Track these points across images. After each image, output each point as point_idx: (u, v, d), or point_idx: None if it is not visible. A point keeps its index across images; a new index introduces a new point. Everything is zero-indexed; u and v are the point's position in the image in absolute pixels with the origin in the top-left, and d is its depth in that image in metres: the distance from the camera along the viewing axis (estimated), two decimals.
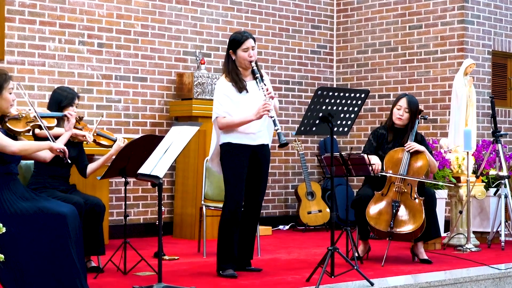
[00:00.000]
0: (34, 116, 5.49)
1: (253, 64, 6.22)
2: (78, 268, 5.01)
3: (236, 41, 6.23)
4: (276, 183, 10.34)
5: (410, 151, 7.06)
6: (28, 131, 5.49)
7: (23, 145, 5.20)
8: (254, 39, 6.29)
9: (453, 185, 8.17)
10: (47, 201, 5.19)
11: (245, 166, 6.25)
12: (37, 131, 5.90)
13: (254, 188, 6.37)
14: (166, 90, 9.30)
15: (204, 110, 8.69)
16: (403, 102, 7.18)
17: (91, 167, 6.50)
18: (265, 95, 6.14)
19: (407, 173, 7.01)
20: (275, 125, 6.06)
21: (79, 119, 6.30)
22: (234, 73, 6.24)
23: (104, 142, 6.50)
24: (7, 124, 5.30)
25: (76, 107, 6.46)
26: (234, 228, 6.27)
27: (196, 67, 9.24)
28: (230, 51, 6.27)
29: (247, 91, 6.24)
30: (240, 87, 6.22)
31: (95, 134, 6.41)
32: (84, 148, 6.61)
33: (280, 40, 10.40)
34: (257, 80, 6.21)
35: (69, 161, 5.48)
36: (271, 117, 6.09)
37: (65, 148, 5.36)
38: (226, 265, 6.23)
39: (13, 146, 5.09)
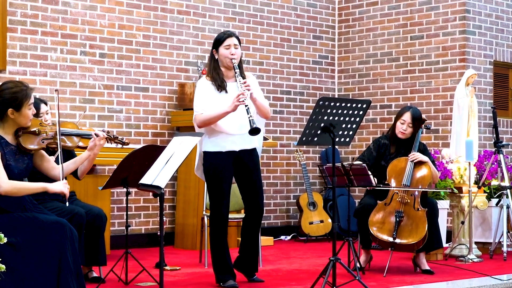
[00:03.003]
0: (55, 134, 5.18)
1: (234, 61, 6.17)
2: (75, 278, 5.00)
3: (218, 39, 6.22)
4: (277, 193, 10.33)
5: (414, 161, 7.05)
6: (43, 149, 5.21)
7: (14, 188, 4.90)
8: (238, 38, 6.27)
9: (456, 193, 8.17)
10: (45, 213, 5.18)
11: (226, 173, 6.21)
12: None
13: (252, 195, 6.34)
14: (168, 100, 9.31)
15: None
16: (407, 117, 7.14)
17: (81, 169, 6.31)
18: (240, 86, 6.06)
19: (410, 183, 7.01)
20: (247, 113, 5.95)
21: (109, 136, 5.74)
22: (215, 72, 6.23)
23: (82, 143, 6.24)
24: (20, 139, 5.07)
25: (47, 114, 6.32)
26: (223, 237, 6.26)
27: (198, 77, 9.25)
28: (213, 50, 6.25)
29: (226, 91, 6.20)
30: (219, 85, 6.19)
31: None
32: (76, 151, 6.47)
33: (281, 50, 10.41)
34: (236, 74, 6.13)
35: (67, 204, 5.16)
36: (246, 105, 5.98)
37: (64, 190, 5.02)
38: (224, 276, 6.22)
39: (2, 186, 4.84)
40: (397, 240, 6.85)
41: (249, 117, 5.96)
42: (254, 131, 5.94)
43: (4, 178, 4.91)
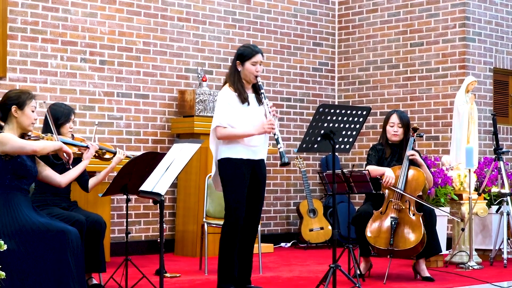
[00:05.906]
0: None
1: (259, 79, 6.22)
2: (78, 284, 5.00)
3: (246, 53, 6.21)
4: (278, 200, 10.33)
5: (411, 157, 7.07)
6: (46, 154, 5.62)
7: (41, 144, 5.40)
8: (263, 55, 6.31)
9: (449, 210, 8.19)
10: (49, 219, 5.18)
11: (246, 180, 6.21)
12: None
13: (254, 204, 6.33)
14: (168, 107, 9.31)
15: (206, 127, 8.67)
16: (394, 119, 7.23)
17: (92, 181, 6.44)
18: (269, 112, 6.12)
19: (405, 189, 7.02)
20: (278, 143, 6.02)
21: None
22: (240, 84, 6.22)
23: (107, 156, 6.46)
24: None
25: (72, 122, 6.46)
26: (235, 244, 6.24)
27: (198, 84, 9.26)
28: (238, 61, 6.25)
29: (248, 104, 6.23)
30: (244, 98, 6.19)
31: (98, 149, 6.34)
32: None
33: (281, 57, 10.42)
34: (262, 95, 6.21)
35: (71, 167, 5.73)
36: (275, 134, 6.06)
37: (70, 152, 5.61)
38: (227, 283, 6.20)
39: (33, 145, 5.30)
40: (395, 247, 6.85)
41: (279, 149, 6.01)
42: (285, 164, 6.01)
43: (29, 142, 5.37)
